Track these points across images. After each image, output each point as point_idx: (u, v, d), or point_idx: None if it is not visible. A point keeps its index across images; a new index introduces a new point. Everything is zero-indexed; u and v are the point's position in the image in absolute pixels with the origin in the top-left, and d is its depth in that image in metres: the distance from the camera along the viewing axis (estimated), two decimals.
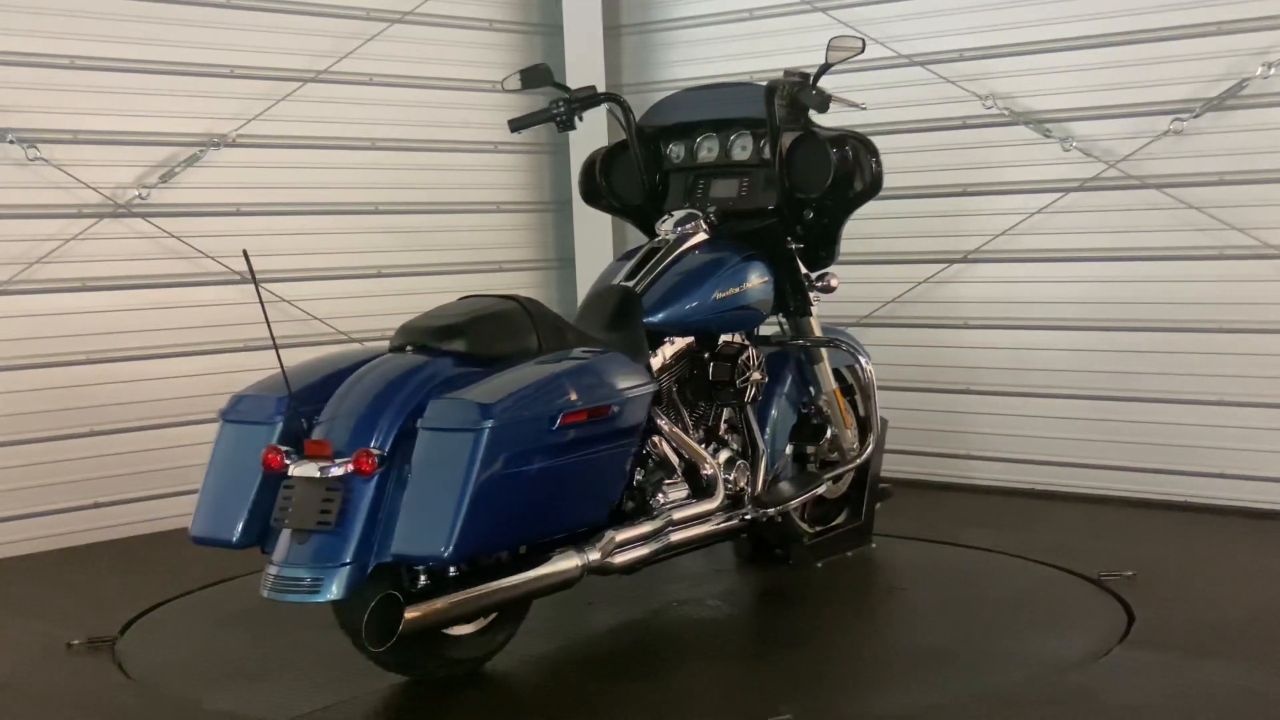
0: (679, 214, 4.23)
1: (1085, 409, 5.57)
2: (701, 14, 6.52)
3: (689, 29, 6.59)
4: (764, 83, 4.31)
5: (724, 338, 4.15)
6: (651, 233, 4.37)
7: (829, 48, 4.15)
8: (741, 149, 4.33)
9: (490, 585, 3.36)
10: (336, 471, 3.18)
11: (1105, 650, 3.69)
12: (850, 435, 4.55)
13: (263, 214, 5.80)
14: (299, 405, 3.35)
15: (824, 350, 4.50)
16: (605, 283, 4.10)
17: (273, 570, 3.21)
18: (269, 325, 3.40)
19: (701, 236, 4.17)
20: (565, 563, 3.46)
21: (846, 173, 4.23)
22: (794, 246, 4.36)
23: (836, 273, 4.47)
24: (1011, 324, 5.75)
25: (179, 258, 5.55)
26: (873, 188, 4.30)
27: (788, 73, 4.22)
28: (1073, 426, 5.60)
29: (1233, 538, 4.93)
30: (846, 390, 4.62)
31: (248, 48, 5.69)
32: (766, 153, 4.26)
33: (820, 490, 4.40)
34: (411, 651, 3.42)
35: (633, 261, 4.09)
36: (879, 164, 4.29)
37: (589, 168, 4.55)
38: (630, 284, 4.00)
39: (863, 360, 4.58)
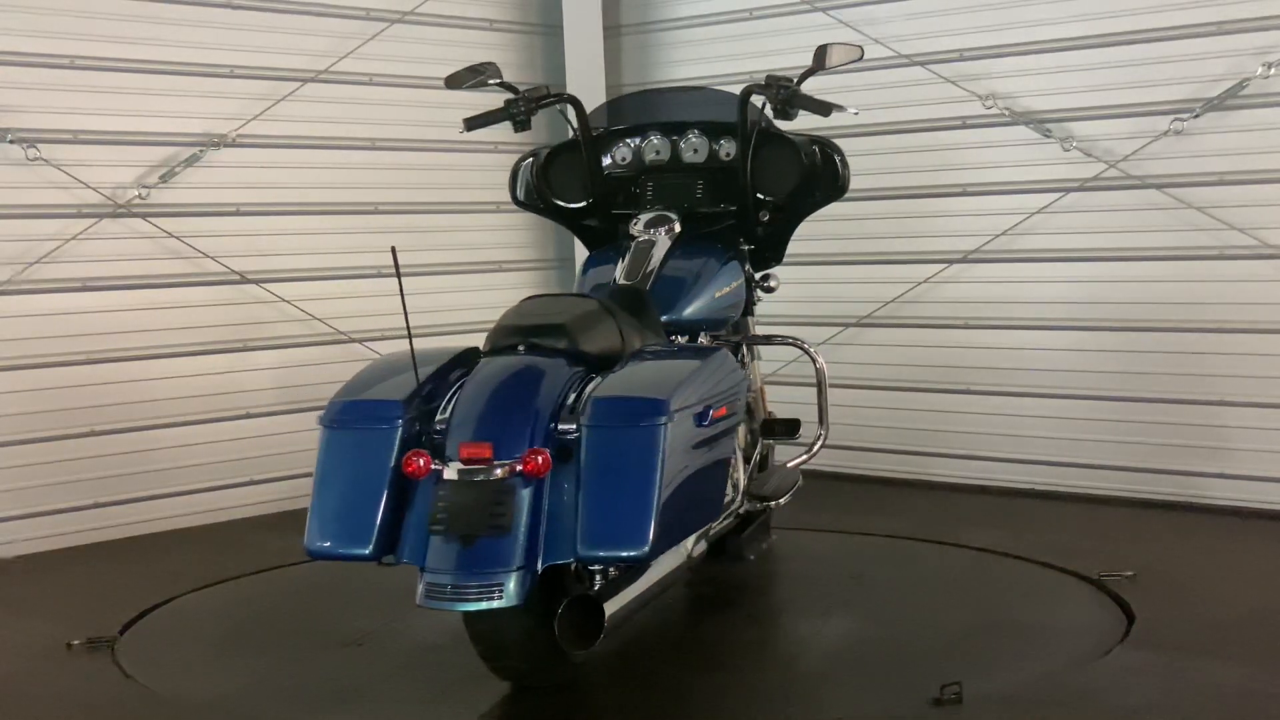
0: (648, 216, 4.18)
1: (1085, 409, 5.57)
2: (701, 14, 6.52)
3: (689, 29, 6.59)
4: (714, 86, 4.30)
5: (703, 335, 4.15)
6: (590, 236, 4.36)
7: (823, 53, 4.13)
8: (693, 151, 4.27)
9: (649, 580, 3.33)
10: (500, 473, 3.08)
11: (1105, 650, 3.69)
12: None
13: (263, 214, 5.80)
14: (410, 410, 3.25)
15: (758, 349, 4.51)
16: (598, 282, 4.08)
17: (438, 579, 3.07)
18: (407, 323, 3.34)
19: (666, 241, 4.13)
20: (679, 556, 3.50)
21: (815, 176, 4.24)
22: (746, 248, 4.36)
23: (778, 273, 4.48)
24: (1011, 324, 5.75)
25: (179, 258, 5.55)
26: (839, 191, 4.31)
27: (770, 77, 4.21)
28: (1073, 426, 5.60)
29: (1233, 538, 4.93)
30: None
31: (248, 48, 5.69)
32: (723, 155, 4.24)
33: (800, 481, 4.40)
34: (549, 658, 3.36)
35: (626, 262, 4.06)
36: (847, 167, 4.28)
37: (524, 169, 4.42)
38: (632, 284, 3.99)
39: (818, 359, 4.57)
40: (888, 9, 5.92)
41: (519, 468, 3.08)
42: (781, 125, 4.28)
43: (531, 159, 4.41)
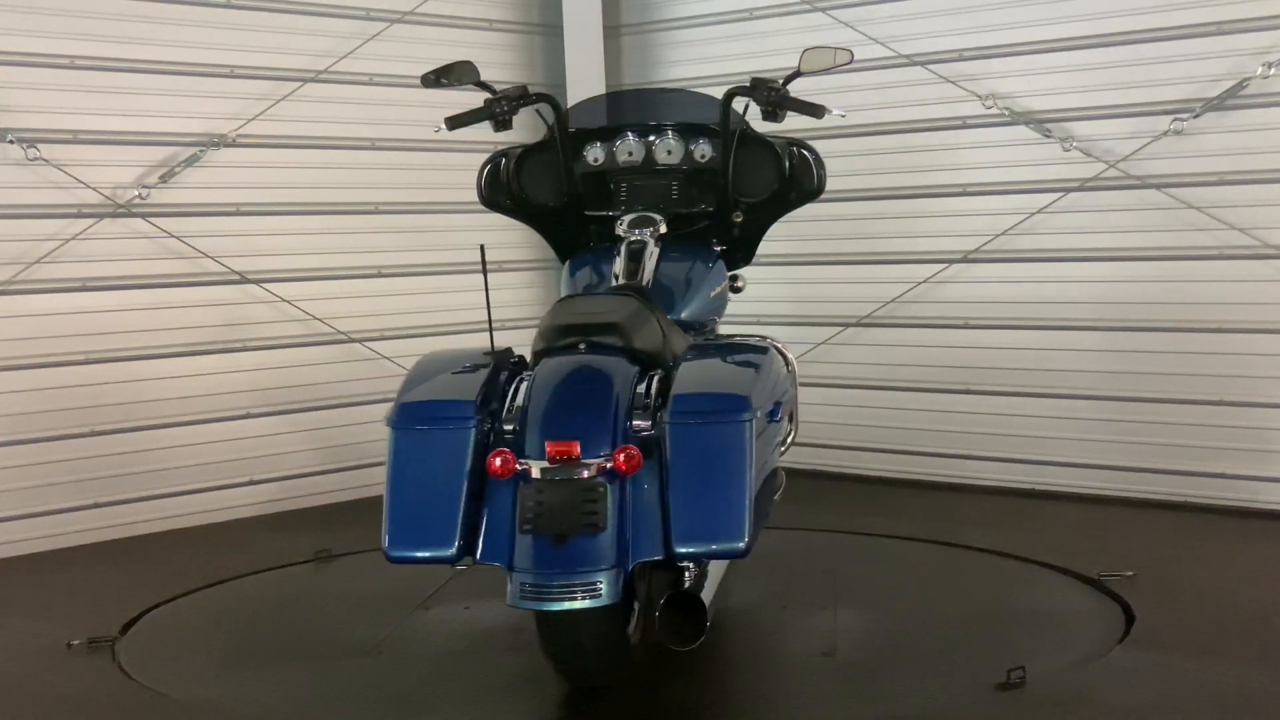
0: (631, 217, 4.15)
1: (1085, 409, 5.57)
2: (701, 14, 6.52)
3: (689, 29, 6.59)
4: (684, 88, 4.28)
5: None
6: (560, 238, 4.36)
7: (811, 56, 4.14)
8: (667, 152, 4.25)
9: (715, 577, 3.33)
10: (589, 471, 3.07)
11: (1105, 650, 3.69)
12: None
13: (263, 214, 5.80)
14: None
15: None
16: (588, 282, 4.07)
17: (532, 578, 3.05)
18: (490, 320, 3.33)
19: (654, 242, 4.13)
20: None
21: (793, 177, 4.25)
22: (719, 249, 4.37)
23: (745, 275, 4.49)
24: (1011, 324, 5.75)
25: (179, 258, 5.55)
26: (815, 192, 4.32)
27: (755, 79, 4.21)
28: (1073, 426, 5.60)
29: (1233, 538, 4.93)
30: None
31: (248, 48, 5.69)
32: (698, 156, 4.23)
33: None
34: (620, 658, 3.35)
35: (621, 263, 4.04)
36: (823, 169, 4.29)
37: (496, 169, 4.35)
38: (633, 284, 3.98)
39: (790, 356, 4.57)
40: (887, 9, 5.92)
41: (608, 465, 3.08)
42: (762, 127, 4.27)
43: (502, 159, 4.35)
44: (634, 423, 3.19)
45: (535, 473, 3.08)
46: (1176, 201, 5.28)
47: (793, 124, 4.26)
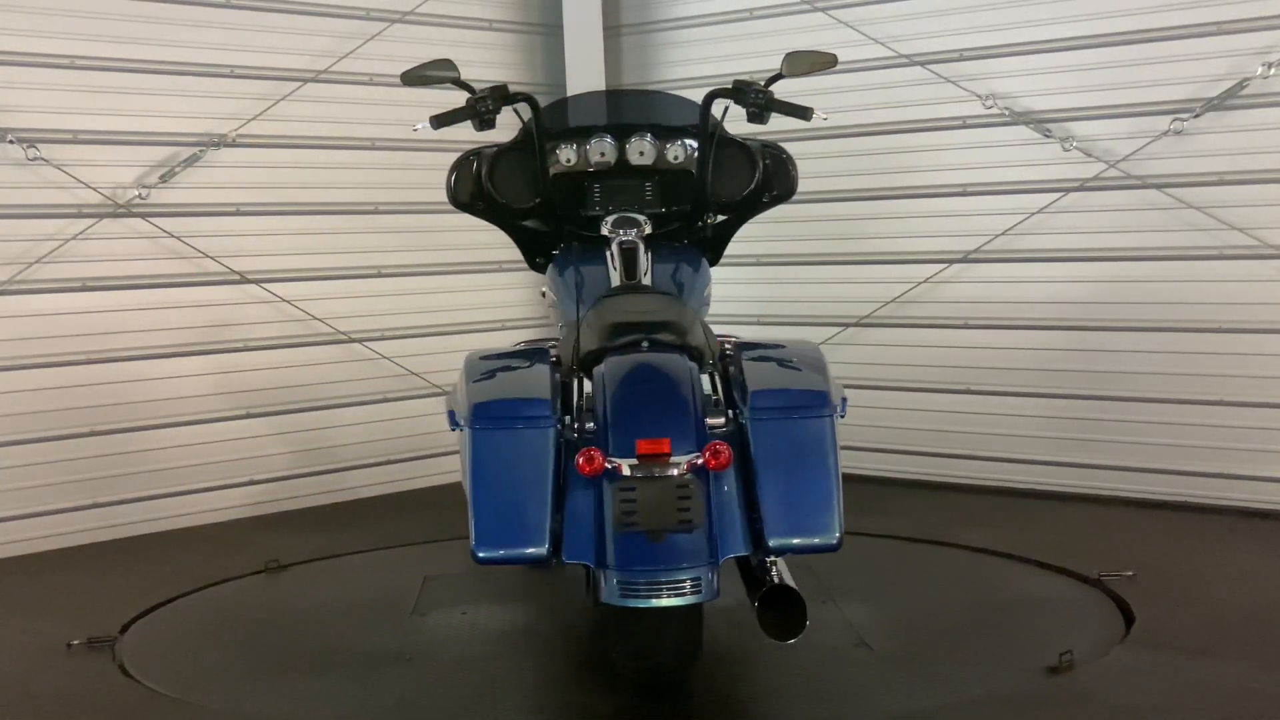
0: (614, 217, 4.14)
1: (1085, 409, 5.57)
2: (701, 14, 6.52)
3: (689, 29, 6.59)
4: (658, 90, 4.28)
5: None
6: (529, 240, 4.36)
7: (794, 60, 4.15)
8: (640, 153, 4.24)
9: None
10: (681, 468, 3.07)
11: (1105, 650, 3.69)
12: None
13: (263, 214, 5.80)
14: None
15: None
16: (577, 281, 4.07)
17: (634, 576, 3.04)
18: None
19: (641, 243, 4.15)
20: None
21: (769, 178, 4.28)
22: None
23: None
24: (1011, 324, 5.75)
25: (179, 258, 5.55)
26: (789, 193, 4.34)
27: (738, 82, 4.22)
28: (1073, 426, 5.60)
29: (1233, 538, 4.93)
30: None
31: (248, 48, 5.69)
32: (671, 157, 4.23)
33: None
34: (692, 653, 3.37)
35: (617, 263, 4.03)
36: (796, 169, 4.32)
37: (468, 169, 4.32)
38: (636, 284, 3.99)
39: None
40: (888, 9, 5.92)
41: (699, 461, 3.09)
42: (741, 129, 4.30)
43: (474, 159, 4.35)
44: (707, 420, 3.22)
45: (625, 470, 3.08)
46: (1176, 201, 5.28)
47: (776, 125, 4.28)
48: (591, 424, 3.21)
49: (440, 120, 4.14)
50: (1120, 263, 5.47)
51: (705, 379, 3.41)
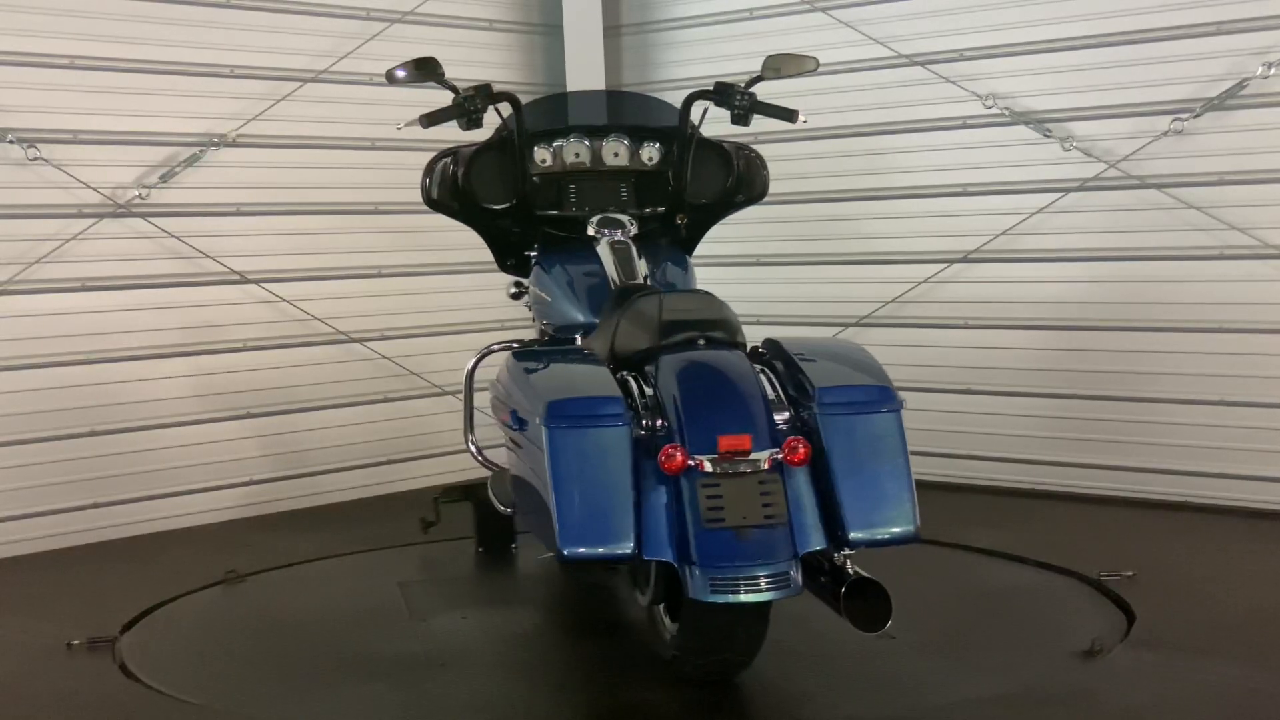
0: (599, 218, 4.17)
1: (1085, 409, 5.57)
2: (701, 14, 6.52)
3: (689, 29, 6.59)
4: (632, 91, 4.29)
5: None
6: (501, 240, 4.36)
7: (774, 62, 4.17)
8: (614, 154, 4.27)
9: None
10: (764, 464, 3.11)
11: (1105, 650, 3.69)
12: None
13: (263, 214, 5.80)
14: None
15: None
16: (589, 282, 4.08)
17: (725, 573, 3.05)
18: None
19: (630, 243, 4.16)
20: None
21: (741, 181, 4.32)
22: None
23: None
24: (1011, 324, 5.75)
25: (179, 258, 5.55)
26: (760, 195, 4.40)
27: (719, 84, 4.23)
28: (1073, 426, 5.60)
29: (1233, 538, 4.93)
30: None
31: (248, 48, 5.69)
32: (645, 158, 4.26)
33: None
34: (756, 649, 3.42)
35: (612, 263, 4.03)
36: (767, 170, 4.38)
37: (445, 169, 4.32)
38: (639, 283, 3.99)
39: None
40: (888, 9, 5.92)
41: (779, 456, 3.12)
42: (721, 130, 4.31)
43: (450, 158, 4.35)
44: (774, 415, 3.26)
45: (707, 467, 3.10)
46: (1176, 201, 5.28)
47: (776, 126, 4.29)
48: (660, 421, 3.21)
49: (430, 119, 4.15)
50: (1120, 263, 5.47)
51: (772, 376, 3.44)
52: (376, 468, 6.09)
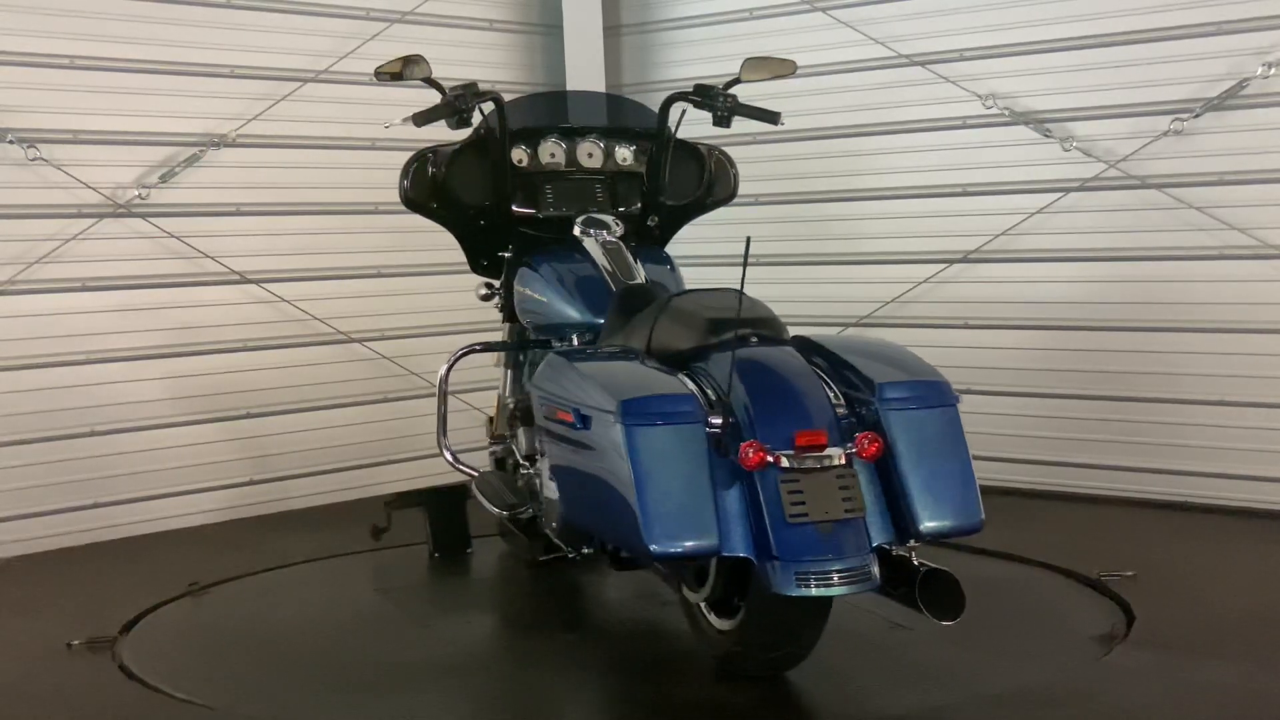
0: (584, 218, 4.18)
1: (1085, 409, 5.57)
2: (701, 14, 6.52)
3: (689, 29, 6.59)
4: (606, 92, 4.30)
5: None
6: (477, 240, 4.39)
7: (752, 65, 4.18)
8: (589, 155, 4.29)
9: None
10: (840, 459, 3.13)
11: (1105, 650, 3.69)
12: None
13: (263, 214, 5.80)
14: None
15: None
16: (561, 279, 4.08)
17: (809, 567, 3.06)
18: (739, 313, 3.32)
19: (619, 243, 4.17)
20: None
21: (713, 183, 4.37)
22: None
23: None
24: (1011, 324, 5.75)
25: (179, 258, 5.55)
26: (730, 196, 4.45)
27: (699, 87, 4.24)
28: (1073, 426, 5.60)
29: (1233, 538, 4.93)
30: None
31: (248, 48, 5.69)
32: (619, 159, 4.28)
33: None
34: (811, 644, 3.46)
35: (607, 263, 4.03)
36: (738, 174, 4.42)
37: (424, 168, 4.34)
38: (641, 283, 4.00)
39: None
40: (888, 9, 5.92)
41: (853, 450, 3.15)
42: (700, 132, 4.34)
43: (429, 157, 4.34)
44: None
45: (785, 463, 3.11)
46: (1176, 201, 5.28)
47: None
48: (728, 418, 3.19)
49: (421, 118, 4.15)
50: (1120, 263, 5.47)
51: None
52: (377, 468, 6.08)
